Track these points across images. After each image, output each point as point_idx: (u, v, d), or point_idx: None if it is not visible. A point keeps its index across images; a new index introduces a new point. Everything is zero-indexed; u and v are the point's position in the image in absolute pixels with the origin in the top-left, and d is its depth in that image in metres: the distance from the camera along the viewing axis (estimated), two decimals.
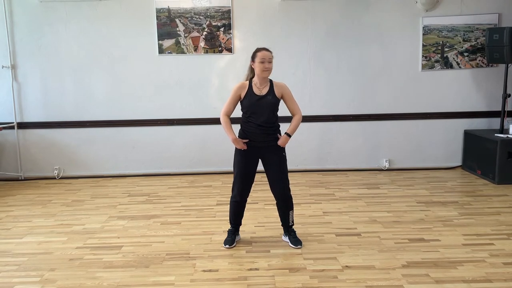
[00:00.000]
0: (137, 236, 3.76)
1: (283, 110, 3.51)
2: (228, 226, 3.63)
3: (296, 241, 3.48)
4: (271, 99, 3.35)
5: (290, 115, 3.49)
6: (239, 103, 3.44)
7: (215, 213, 4.29)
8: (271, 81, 3.41)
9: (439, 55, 5.58)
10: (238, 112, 3.47)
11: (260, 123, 3.35)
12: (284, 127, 3.44)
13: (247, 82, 3.40)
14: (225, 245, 3.49)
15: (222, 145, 5.48)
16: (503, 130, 5.32)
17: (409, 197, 4.69)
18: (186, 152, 5.72)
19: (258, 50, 3.33)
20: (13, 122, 5.55)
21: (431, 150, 5.78)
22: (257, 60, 3.30)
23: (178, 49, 5.52)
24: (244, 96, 3.37)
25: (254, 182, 3.51)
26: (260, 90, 3.36)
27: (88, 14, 5.42)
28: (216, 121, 3.97)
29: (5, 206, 4.63)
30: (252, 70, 3.39)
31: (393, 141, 5.76)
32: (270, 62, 3.30)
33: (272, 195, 3.52)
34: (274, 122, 3.41)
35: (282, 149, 3.44)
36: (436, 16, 5.50)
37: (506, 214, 4.13)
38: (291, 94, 3.44)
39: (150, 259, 3.31)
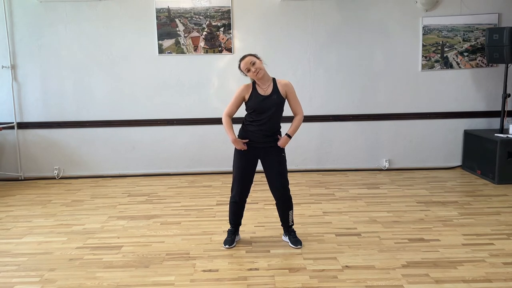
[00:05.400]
0: (137, 236, 3.76)
1: (285, 111, 3.50)
2: (228, 226, 3.63)
3: (296, 241, 3.48)
4: (277, 99, 3.33)
5: (290, 114, 3.48)
6: (242, 104, 3.43)
7: (215, 213, 4.29)
8: (274, 79, 3.40)
9: (439, 55, 5.58)
10: (239, 112, 3.46)
11: (263, 124, 3.33)
12: (284, 127, 3.44)
13: (251, 83, 3.38)
14: (225, 245, 3.49)
15: (222, 145, 5.49)
16: (503, 130, 5.32)
17: (409, 197, 4.69)
18: (186, 152, 5.72)
19: (239, 61, 3.32)
20: (13, 122, 5.55)
21: (431, 150, 5.79)
22: (243, 70, 3.30)
23: (178, 49, 5.52)
24: (249, 98, 3.35)
25: (253, 183, 3.51)
26: (265, 90, 3.34)
27: (88, 14, 5.42)
28: (216, 121, 3.98)
29: (5, 206, 4.63)
30: None
31: (393, 141, 5.76)
32: (254, 64, 3.26)
33: (272, 195, 3.52)
34: (276, 123, 3.39)
35: (281, 150, 3.44)
36: (436, 16, 5.50)
37: (506, 214, 4.13)
38: (295, 93, 3.42)
39: (150, 259, 3.31)
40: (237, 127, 3.43)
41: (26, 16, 5.40)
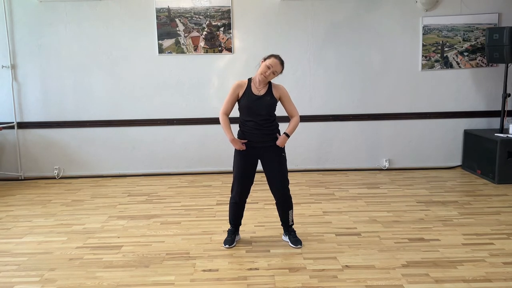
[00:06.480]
0: (137, 236, 3.76)
1: (283, 110, 3.51)
2: (228, 226, 3.63)
3: (296, 241, 3.48)
4: (269, 100, 3.35)
5: (287, 115, 3.49)
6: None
7: (215, 213, 4.29)
8: (269, 82, 3.41)
9: (439, 55, 5.58)
10: (237, 112, 3.47)
11: (257, 123, 3.34)
12: (283, 127, 3.44)
13: (246, 81, 3.40)
14: (225, 245, 3.49)
15: (221, 145, 5.48)
16: (503, 129, 5.32)
17: (409, 196, 4.69)
18: (185, 152, 5.72)
19: (275, 56, 3.32)
20: (13, 122, 5.55)
21: (431, 150, 5.79)
22: (266, 62, 3.29)
23: (178, 49, 5.52)
24: (242, 96, 3.36)
25: (253, 183, 3.50)
26: (259, 90, 3.36)
27: (88, 14, 5.42)
28: (216, 120, 3.97)
29: (5, 206, 4.63)
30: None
31: (393, 141, 5.76)
32: (274, 74, 3.30)
33: (272, 194, 3.52)
34: (272, 122, 3.41)
35: (281, 149, 3.44)
36: (436, 15, 5.50)
37: (506, 214, 4.13)
38: (289, 96, 3.44)
39: (150, 259, 3.31)
40: (236, 127, 3.43)
41: (26, 16, 5.40)
